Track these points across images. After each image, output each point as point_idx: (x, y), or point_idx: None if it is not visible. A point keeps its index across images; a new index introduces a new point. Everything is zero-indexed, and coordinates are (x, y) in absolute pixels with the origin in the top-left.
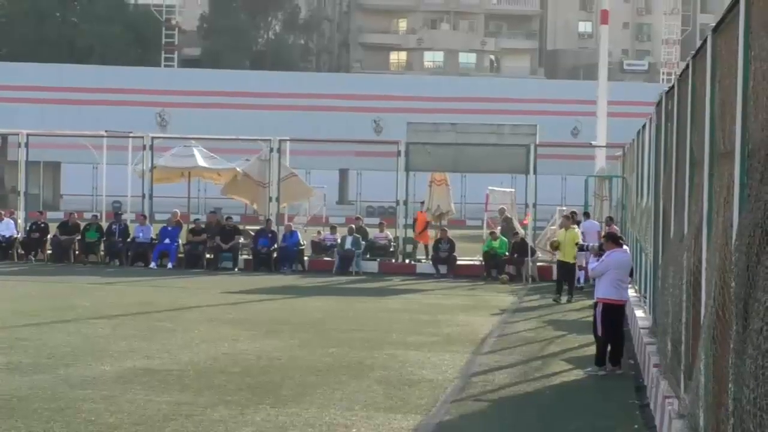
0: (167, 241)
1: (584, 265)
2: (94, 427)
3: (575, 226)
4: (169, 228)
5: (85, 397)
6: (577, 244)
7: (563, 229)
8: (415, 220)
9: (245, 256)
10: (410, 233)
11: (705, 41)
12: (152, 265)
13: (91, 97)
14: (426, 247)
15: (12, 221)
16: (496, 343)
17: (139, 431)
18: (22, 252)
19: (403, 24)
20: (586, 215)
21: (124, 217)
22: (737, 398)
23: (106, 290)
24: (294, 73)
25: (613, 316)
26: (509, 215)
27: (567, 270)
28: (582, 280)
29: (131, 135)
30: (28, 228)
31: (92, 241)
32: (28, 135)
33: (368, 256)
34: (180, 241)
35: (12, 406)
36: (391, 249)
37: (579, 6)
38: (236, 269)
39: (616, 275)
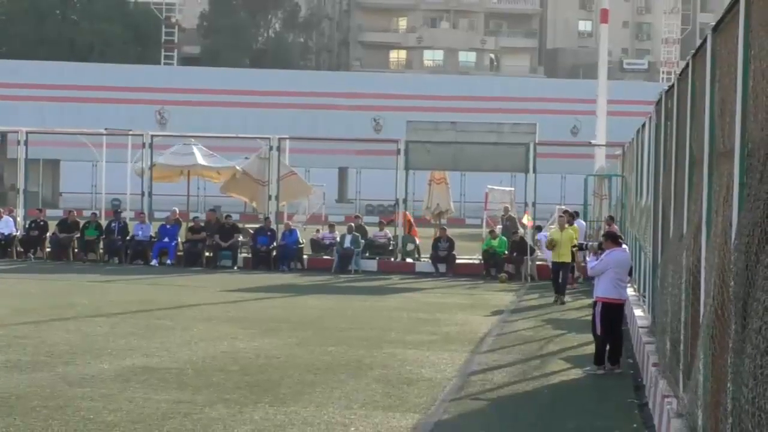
0: (166, 239)
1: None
2: (93, 426)
3: (575, 225)
4: (168, 226)
5: (83, 395)
6: (574, 246)
7: (559, 229)
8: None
9: (244, 255)
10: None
11: (705, 40)
12: (153, 262)
13: (91, 95)
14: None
15: (11, 219)
16: (494, 342)
17: (137, 429)
18: (21, 250)
19: (402, 22)
20: (576, 214)
21: (123, 215)
22: (736, 397)
23: (105, 288)
24: (294, 72)
25: (612, 315)
26: (512, 214)
27: (563, 270)
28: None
29: (131, 133)
30: (27, 226)
31: (91, 239)
32: (27, 133)
33: (367, 254)
34: (179, 239)
35: (11, 404)
36: (390, 247)
37: (579, 5)
38: (235, 267)
39: (615, 274)
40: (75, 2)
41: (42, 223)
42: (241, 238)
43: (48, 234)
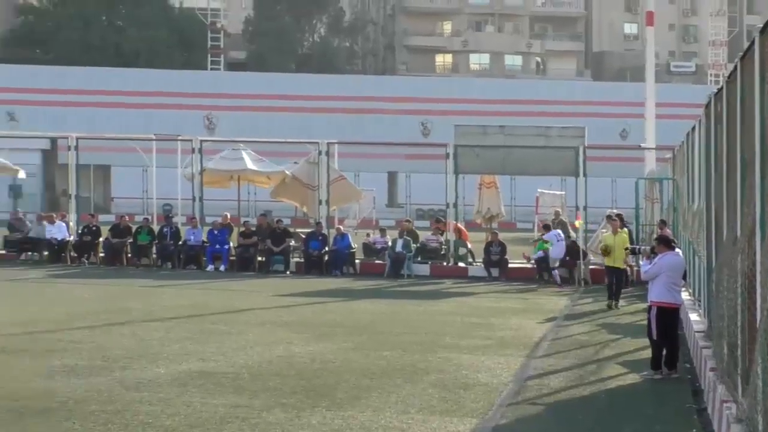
0: (217, 245)
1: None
2: (152, 430)
3: (624, 229)
4: (216, 231)
5: (141, 399)
6: (627, 248)
7: (612, 233)
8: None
9: (296, 259)
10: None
11: (752, 42)
12: (209, 267)
13: (138, 100)
14: None
15: (64, 224)
16: (550, 346)
17: None
18: (75, 255)
19: (447, 26)
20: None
21: (175, 219)
22: None
23: (158, 293)
24: (340, 76)
25: (667, 319)
26: (564, 218)
27: (617, 275)
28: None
29: (180, 138)
30: (80, 231)
31: (144, 244)
32: (77, 138)
33: (419, 259)
34: (231, 244)
35: (69, 408)
36: (443, 252)
37: (624, 7)
38: (288, 272)
39: (668, 278)
40: (120, 8)
41: (95, 228)
42: (292, 242)
43: (101, 239)
